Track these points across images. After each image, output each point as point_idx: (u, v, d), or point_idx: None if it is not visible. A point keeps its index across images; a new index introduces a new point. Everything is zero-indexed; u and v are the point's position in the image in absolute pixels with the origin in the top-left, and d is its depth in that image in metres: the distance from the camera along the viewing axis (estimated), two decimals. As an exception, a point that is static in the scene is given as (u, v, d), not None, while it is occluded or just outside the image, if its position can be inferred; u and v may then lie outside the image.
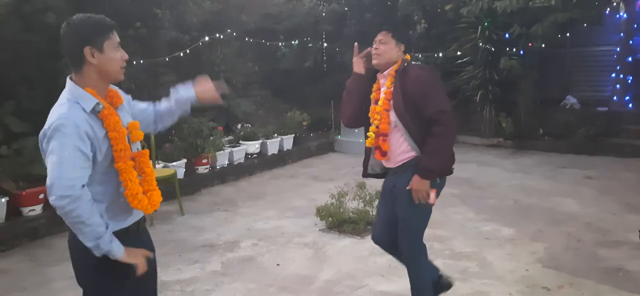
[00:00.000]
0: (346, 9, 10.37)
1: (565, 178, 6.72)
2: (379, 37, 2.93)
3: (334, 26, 10.44)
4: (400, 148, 2.87)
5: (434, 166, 2.75)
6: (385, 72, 2.95)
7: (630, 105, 8.97)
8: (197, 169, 6.82)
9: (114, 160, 1.94)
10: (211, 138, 6.91)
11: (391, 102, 2.84)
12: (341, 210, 4.93)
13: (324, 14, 10.53)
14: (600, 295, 3.46)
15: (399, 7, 9.52)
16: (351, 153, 8.62)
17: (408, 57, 2.97)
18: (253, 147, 7.81)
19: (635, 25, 8.85)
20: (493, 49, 8.79)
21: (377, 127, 2.92)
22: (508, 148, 8.77)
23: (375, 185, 5.06)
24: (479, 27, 8.75)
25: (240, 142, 7.77)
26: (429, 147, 2.74)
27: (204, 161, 6.86)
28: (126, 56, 2.02)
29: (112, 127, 1.93)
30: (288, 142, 8.51)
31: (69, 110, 1.87)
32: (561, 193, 6.01)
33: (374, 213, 4.81)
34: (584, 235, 4.60)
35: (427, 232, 3.47)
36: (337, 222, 4.89)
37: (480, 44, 8.78)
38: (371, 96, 3.02)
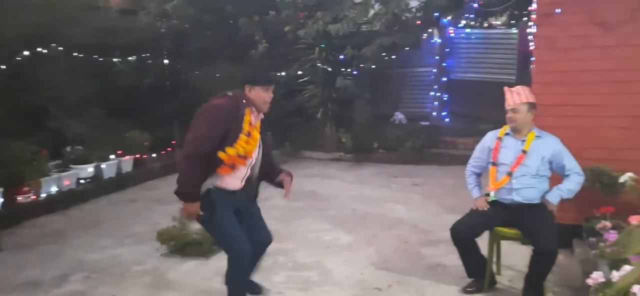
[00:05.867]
0: (187, 25, 10.17)
1: (397, 187, 7.37)
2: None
3: (175, 43, 10.16)
4: None
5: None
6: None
7: (447, 119, 10.21)
8: (18, 199, 6.06)
9: None
10: (34, 163, 6.21)
11: None
12: (184, 232, 4.78)
13: (163, 30, 10.18)
14: (423, 288, 3.85)
15: (240, 26, 9.64)
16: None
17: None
18: (85, 171, 7.19)
19: (448, 50, 10.14)
20: (330, 69, 9.37)
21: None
22: (348, 161, 9.36)
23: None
24: (316, 49, 9.27)
25: (71, 166, 7.10)
26: None
27: (26, 189, 6.12)
28: None
29: None
30: (127, 164, 8.01)
31: None
32: (393, 200, 6.57)
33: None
34: (410, 236, 5.09)
35: (273, 246, 3.56)
36: (180, 245, 4.74)
37: (319, 64, 9.29)
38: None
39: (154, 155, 8.90)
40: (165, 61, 10.35)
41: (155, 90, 9.97)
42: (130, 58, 9.65)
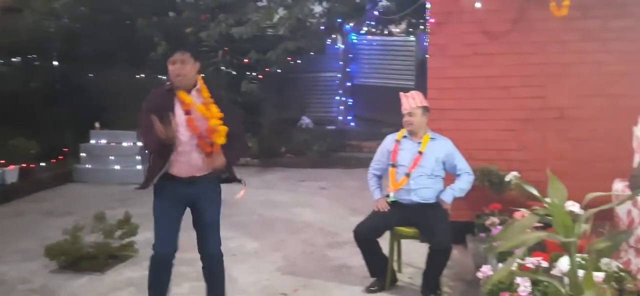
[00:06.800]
0: (78, 25, 9.52)
1: (304, 190, 7.43)
2: (178, 56, 2.99)
3: (67, 44, 9.47)
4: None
5: None
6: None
7: (352, 123, 10.50)
8: None
9: None
10: None
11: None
12: (77, 245, 4.45)
13: (52, 30, 9.44)
14: (328, 290, 3.90)
15: (137, 27, 9.21)
16: (95, 183, 7.95)
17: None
18: (-39, 184, 6.48)
19: (351, 55, 10.44)
20: (234, 73, 9.24)
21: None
22: (255, 166, 9.26)
23: (116, 215, 4.81)
24: (220, 52, 9.10)
25: (-58, 179, 6.36)
26: None
27: None
28: None
29: None
30: (12, 174, 7.31)
31: None
32: (300, 204, 6.61)
33: (116, 244, 4.51)
34: (317, 239, 5.14)
35: (176, 257, 3.41)
36: (72, 259, 4.40)
37: (222, 68, 9.13)
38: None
39: (43, 164, 8.21)
40: (55, 63, 9.61)
41: (43, 94, 9.21)
42: (14, 59, 8.83)
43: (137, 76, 8.89)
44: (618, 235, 2.15)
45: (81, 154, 8.33)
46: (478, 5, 4.56)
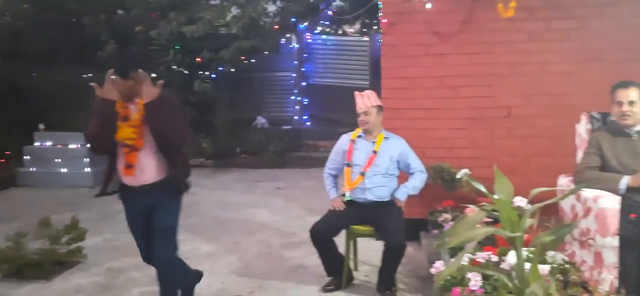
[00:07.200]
0: (20, 23, 9.08)
1: (260, 191, 7.37)
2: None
3: (9, 43, 9.00)
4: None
5: None
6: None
7: (308, 123, 10.50)
8: None
9: None
10: None
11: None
12: (21, 252, 4.24)
13: (-9, 27, 8.98)
14: (284, 291, 3.88)
15: (84, 25, 8.88)
16: (41, 187, 7.64)
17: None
18: None
19: (306, 55, 10.44)
20: (187, 72, 9.05)
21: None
22: (209, 167, 9.11)
23: (64, 219, 4.62)
24: (171, 50, 8.89)
25: None
26: None
27: None
28: None
29: None
30: (-53, 180, 6.91)
31: None
32: (256, 204, 6.55)
33: (63, 250, 4.34)
34: (273, 240, 5.11)
35: (126, 261, 3.30)
36: (16, 267, 4.19)
37: (174, 67, 8.93)
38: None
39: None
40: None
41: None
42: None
43: (84, 76, 8.55)
44: (562, 229, 2.23)
45: (25, 157, 7.96)
46: (428, 6, 4.64)
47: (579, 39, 4.57)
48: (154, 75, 3.17)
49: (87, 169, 7.81)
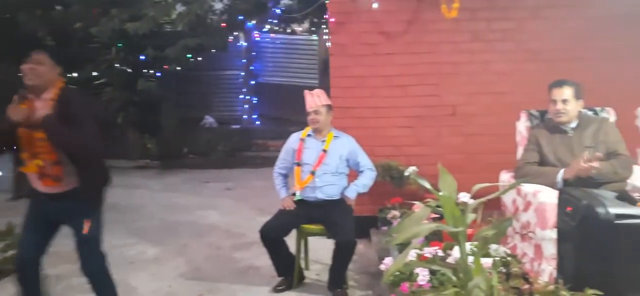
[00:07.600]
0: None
1: (209, 192, 7.23)
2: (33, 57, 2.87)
3: None
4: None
5: None
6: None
7: (258, 122, 10.41)
8: None
9: None
10: None
11: None
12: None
13: None
14: (234, 293, 3.82)
15: (19, 22, 8.41)
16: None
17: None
18: None
19: (254, 53, 10.35)
20: (130, 71, 8.77)
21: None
22: (155, 168, 8.87)
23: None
24: (113, 48, 8.58)
25: None
26: None
27: None
28: None
29: None
30: None
31: None
32: (205, 206, 6.42)
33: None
34: (223, 241, 5.03)
35: (66, 268, 3.16)
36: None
37: (117, 65, 8.62)
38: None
39: None
40: None
41: None
42: None
43: (19, 75, 8.10)
44: (503, 222, 2.30)
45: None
46: (375, 6, 4.70)
47: (517, 40, 4.75)
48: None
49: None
